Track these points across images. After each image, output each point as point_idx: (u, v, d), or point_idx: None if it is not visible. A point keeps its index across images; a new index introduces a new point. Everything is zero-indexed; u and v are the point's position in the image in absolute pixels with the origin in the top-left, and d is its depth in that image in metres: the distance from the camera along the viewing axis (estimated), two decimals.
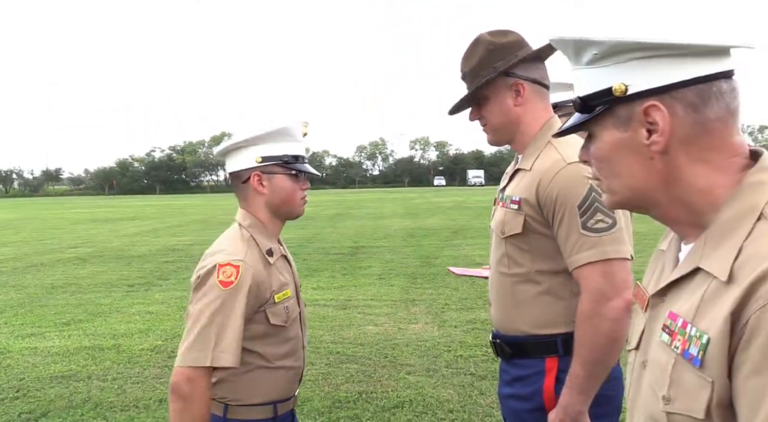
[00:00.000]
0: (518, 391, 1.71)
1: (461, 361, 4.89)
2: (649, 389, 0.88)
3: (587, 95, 0.90)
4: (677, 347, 0.82)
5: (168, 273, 9.85)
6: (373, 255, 11.34)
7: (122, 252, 12.88)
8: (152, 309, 7.21)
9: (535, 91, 1.71)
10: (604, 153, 0.91)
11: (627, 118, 0.87)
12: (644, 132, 0.85)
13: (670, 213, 0.90)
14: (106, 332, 6.19)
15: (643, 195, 0.90)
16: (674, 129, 0.84)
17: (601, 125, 0.90)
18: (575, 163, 1.56)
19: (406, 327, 6.00)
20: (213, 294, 1.63)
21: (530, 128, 1.71)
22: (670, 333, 0.84)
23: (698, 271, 0.84)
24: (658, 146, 0.85)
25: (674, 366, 0.82)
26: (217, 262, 1.67)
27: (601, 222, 1.53)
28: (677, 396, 0.81)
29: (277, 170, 1.77)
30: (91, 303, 7.66)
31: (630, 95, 0.85)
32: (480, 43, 1.70)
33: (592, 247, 1.53)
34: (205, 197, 59.81)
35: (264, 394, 1.73)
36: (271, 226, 1.83)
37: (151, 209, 32.98)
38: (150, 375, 4.79)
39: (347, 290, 7.91)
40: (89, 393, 4.43)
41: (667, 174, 0.86)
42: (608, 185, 0.93)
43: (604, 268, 1.52)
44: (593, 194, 1.53)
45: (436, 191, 58.09)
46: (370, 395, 4.24)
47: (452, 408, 3.98)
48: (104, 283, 9.08)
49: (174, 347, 5.55)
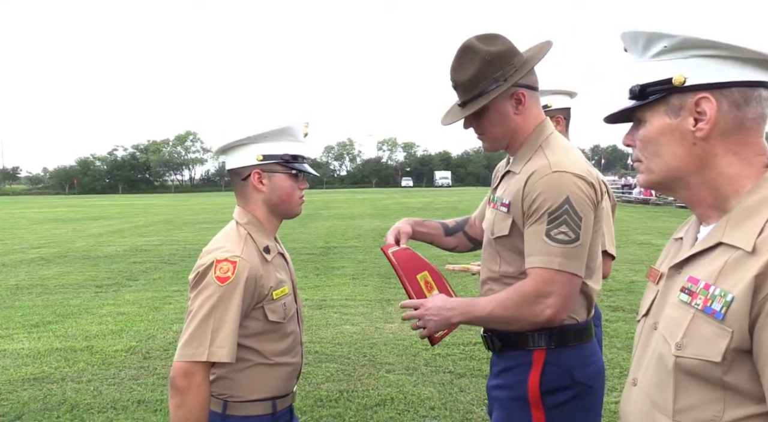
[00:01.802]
0: (503, 381, 1.75)
1: (440, 360, 4.96)
2: (660, 340, 1.02)
3: (647, 83, 1.02)
4: (698, 304, 0.95)
5: (137, 274, 9.68)
6: (346, 255, 11.36)
7: (88, 252, 12.59)
8: (124, 310, 7.09)
9: (532, 96, 1.74)
10: (651, 135, 1.04)
11: (679, 106, 1.00)
12: (692, 120, 0.99)
13: (697, 195, 1.03)
14: (77, 333, 6.06)
15: (678, 176, 1.03)
16: (718, 121, 0.98)
17: (653, 111, 1.03)
18: (560, 171, 1.61)
19: (383, 327, 6.05)
20: (210, 290, 1.65)
21: (525, 132, 1.74)
22: (690, 293, 0.98)
23: (719, 246, 0.98)
24: (702, 133, 0.98)
25: (692, 320, 0.96)
26: (215, 258, 1.68)
27: (564, 235, 1.58)
28: (689, 344, 0.95)
29: (277, 169, 1.79)
30: (59, 304, 7.49)
31: (687, 87, 0.99)
32: (473, 52, 1.67)
33: (547, 254, 1.59)
34: (170, 197, 58.76)
35: (263, 390, 1.75)
36: (269, 224, 1.84)
37: (115, 209, 32.26)
38: (126, 377, 4.72)
39: (322, 290, 7.92)
40: (64, 395, 4.34)
41: (703, 159, 1.00)
42: (648, 165, 1.06)
43: (551, 276, 1.58)
44: (566, 206, 1.58)
45: (404, 192, 58.29)
46: (352, 393, 4.27)
47: (433, 405, 4.04)
48: (71, 284, 8.87)
49: (149, 348, 5.48)
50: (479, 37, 1.70)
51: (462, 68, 1.69)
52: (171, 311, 6.98)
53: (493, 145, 1.80)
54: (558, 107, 2.61)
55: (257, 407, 1.74)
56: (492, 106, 1.69)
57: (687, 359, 0.94)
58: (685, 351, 0.95)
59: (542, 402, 1.67)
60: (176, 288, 8.42)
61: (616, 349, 5.12)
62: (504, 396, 1.75)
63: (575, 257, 1.59)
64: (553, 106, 2.59)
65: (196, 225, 19.31)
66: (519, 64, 1.69)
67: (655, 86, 1.01)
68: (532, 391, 1.67)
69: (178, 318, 6.57)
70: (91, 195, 75.44)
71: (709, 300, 0.93)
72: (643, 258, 10.08)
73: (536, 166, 1.65)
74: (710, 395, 0.93)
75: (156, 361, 5.10)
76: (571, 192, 1.59)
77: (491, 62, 1.66)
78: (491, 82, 1.67)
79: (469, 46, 1.68)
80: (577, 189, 1.60)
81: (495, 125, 1.73)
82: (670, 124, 1.01)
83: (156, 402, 4.18)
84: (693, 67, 0.97)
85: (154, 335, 5.94)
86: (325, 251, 12.02)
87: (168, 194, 74.14)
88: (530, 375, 1.68)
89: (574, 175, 1.61)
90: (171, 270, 10.08)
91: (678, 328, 0.97)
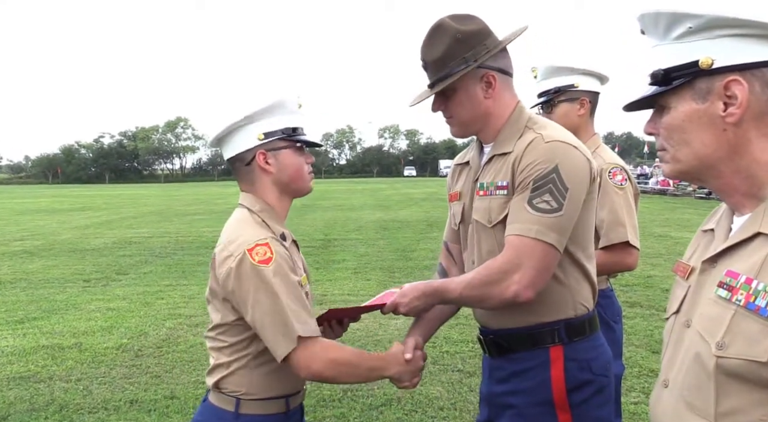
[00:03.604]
0: (517, 386, 1.71)
1: (447, 357, 4.97)
2: (697, 339, 1.00)
3: (671, 67, 1.00)
4: (739, 300, 0.93)
5: (127, 268, 9.70)
6: (346, 248, 11.37)
7: (74, 245, 12.61)
8: (113, 305, 7.10)
9: (504, 80, 1.73)
10: (677, 123, 1.01)
11: (706, 90, 0.98)
12: (721, 105, 0.97)
13: (730, 183, 1.01)
14: (65, 330, 6.07)
15: (707, 164, 1.01)
16: (750, 104, 0.95)
17: (678, 97, 1.01)
18: (553, 140, 1.62)
19: (387, 323, 6.05)
20: (257, 279, 1.60)
21: (498, 117, 1.74)
22: (730, 288, 0.96)
23: (757, 236, 0.96)
24: (733, 118, 0.96)
25: (734, 317, 0.93)
26: (245, 248, 1.63)
27: (545, 204, 1.57)
28: (732, 343, 0.92)
29: (281, 144, 1.77)
30: (45, 299, 7.50)
31: (714, 69, 0.96)
32: (445, 30, 1.67)
33: (525, 222, 1.58)
34: (160, 187, 58.80)
35: (277, 388, 1.74)
36: (280, 208, 1.82)
37: (102, 199, 32.29)
38: (117, 375, 4.73)
39: (322, 284, 7.92)
40: (52, 395, 4.35)
41: (735, 146, 0.98)
42: (674, 154, 1.04)
43: (525, 245, 1.57)
44: (553, 175, 1.58)
45: (407, 181, 58.34)
46: (356, 393, 4.27)
47: (442, 405, 4.04)
48: (57, 278, 8.89)
49: (141, 346, 5.49)
50: (453, 16, 1.70)
51: (432, 46, 1.69)
52: (163, 306, 6.99)
53: (461, 129, 1.79)
54: (584, 89, 2.54)
55: (271, 405, 1.73)
56: (461, 87, 1.69)
57: (730, 359, 0.92)
58: (728, 350, 0.93)
59: (568, 402, 1.65)
60: (168, 282, 8.44)
61: (634, 347, 5.12)
62: (522, 403, 1.69)
63: (555, 228, 1.57)
64: (580, 86, 2.53)
65: (189, 217, 19.33)
66: (492, 46, 1.68)
67: (680, 70, 0.99)
68: (558, 392, 1.65)
69: (170, 314, 6.58)
70: (76, 184, 75.51)
71: (753, 296, 0.91)
72: (661, 252, 10.08)
73: (529, 139, 1.66)
74: (756, 397, 0.91)
75: (148, 359, 5.11)
76: (561, 161, 1.59)
77: (462, 41, 1.65)
78: (461, 61, 1.66)
79: (441, 24, 1.68)
80: (570, 159, 1.60)
81: (463, 108, 1.72)
82: (698, 109, 0.98)
83: (149, 402, 4.19)
84: (721, 48, 0.95)
85: (146, 332, 5.95)
86: (324, 244, 12.02)
87: (157, 184, 74.21)
88: (552, 375, 1.65)
89: (567, 144, 1.62)
90: (162, 263, 10.10)
91: (717, 326, 0.95)
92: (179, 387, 4.47)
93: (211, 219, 17.61)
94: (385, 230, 14.30)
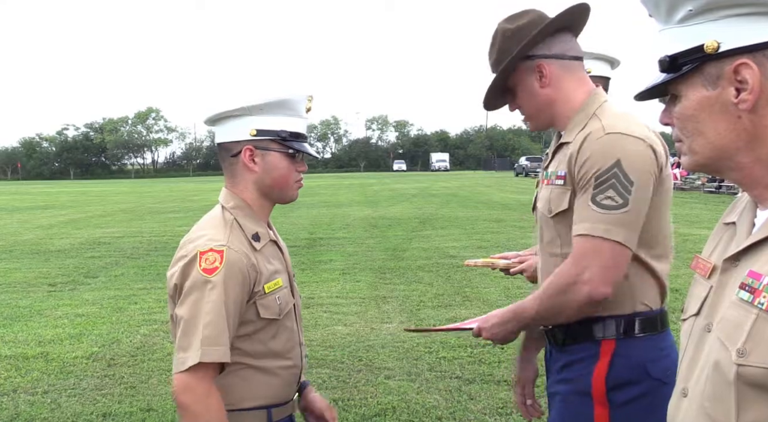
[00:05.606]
0: (566, 376, 1.79)
1: (445, 364, 4.97)
2: (717, 345, 0.97)
3: (676, 53, 0.98)
4: (762, 303, 0.91)
5: (96, 270, 9.63)
6: (333, 247, 11.38)
7: (37, 246, 12.50)
8: (82, 311, 7.04)
9: (562, 66, 1.78)
10: (689, 112, 0.99)
11: (716, 76, 0.96)
12: (733, 90, 0.94)
13: (751, 174, 0.98)
14: (29, 338, 6.01)
15: (725, 155, 0.99)
16: (764, 87, 0.93)
17: (688, 84, 0.99)
18: (614, 133, 1.64)
19: (379, 327, 6.05)
20: (197, 286, 1.63)
21: (568, 105, 1.79)
22: (752, 290, 0.93)
23: None
24: (746, 104, 0.93)
25: (755, 321, 0.91)
26: (198, 250, 1.67)
27: (610, 200, 1.60)
28: (753, 350, 0.90)
29: (272, 146, 1.77)
30: (6, 305, 7.43)
31: (721, 53, 0.94)
32: (496, 33, 1.81)
33: (591, 221, 1.62)
34: (130, 183, 58.49)
35: (256, 398, 1.73)
36: (259, 209, 1.82)
37: (67, 196, 32.03)
38: (88, 387, 4.69)
39: (308, 286, 7.90)
40: (17, 409, 4.30)
41: (753, 133, 0.95)
42: (690, 145, 1.02)
43: (593, 245, 1.61)
44: (615, 169, 1.61)
45: (397, 176, 58.37)
46: (348, 402, 4.27)
47: (440, 415, 4.05)
48: (19, 282, 8.80)
49: (113, 354, 5.45)
50: (508, 17, 1.83)
51: (491, 52, 1.84)
52: (137, 311, 6.94)
53: (532, 122, 1.89)
54: (596, 75, 2.57)
55: (250, 417, 1.72)
56: (518, 82, 1.80)
57: (751, 367, 0.90)
58: (749, 358, 0.90)
59: (608, 398, 1.69)
60: (142, 285, 8.38)
61: None
62: (566, 390, 1.79)
63: (623, 224, 1.60)
64: (592, 72, 2.56)
65: (162, 215, 19.23)
66: (538, 35, 1.75)
67: (686, 55, 0.97)
68: (597, 385, 1.70)
69: (145, 320, 6.53)
70: (38, 180, 74.89)
71: None
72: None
73: (589, 130, 1.70)
74: None
75: (122, 369, 5.07)
76: (623, 154, 1.61)
77: (511, 38, 1.77)
78: (507, 58, 1.77)
79: (496, 28, 1.83)
80: (632, 151, 1.63)
81: (526, 102, 1.83)
82: (709, 96, 0.97)
83: (124, 415, 4.16)
84: (726, 30, 0.93)
85: (118, 339, 5.90)
86: (310, 243, 12.02)
87: (128, 180, 73.86)
88: (596, 368, 1.71)
89: (629, 135, 1.65)
90: (135, 265, 10.03)
91: (739, 332, 0.93)
92: (156, 398, 4.43)
93: (186, 217, 17.52)
94: (374, 228, 14.31)
